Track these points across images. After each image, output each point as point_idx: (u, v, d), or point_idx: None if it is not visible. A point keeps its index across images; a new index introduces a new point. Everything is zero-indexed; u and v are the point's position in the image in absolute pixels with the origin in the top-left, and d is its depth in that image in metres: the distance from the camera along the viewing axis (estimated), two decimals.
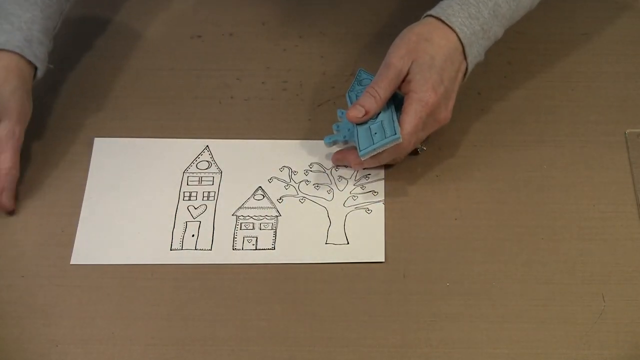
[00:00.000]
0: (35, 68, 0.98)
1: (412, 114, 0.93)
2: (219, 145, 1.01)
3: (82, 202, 0.97)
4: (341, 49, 1.08)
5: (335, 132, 0.99)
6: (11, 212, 0.96)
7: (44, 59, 0.99)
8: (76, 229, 0.95)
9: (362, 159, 0.94)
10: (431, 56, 0.93)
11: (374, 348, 0.87)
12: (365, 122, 0.95)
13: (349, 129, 0.98)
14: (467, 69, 0.96)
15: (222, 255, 0.93)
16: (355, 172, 0.98)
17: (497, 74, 1.05)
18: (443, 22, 0.94)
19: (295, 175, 0.98)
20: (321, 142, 1.00)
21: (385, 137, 0.93)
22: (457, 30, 0.94)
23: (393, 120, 0.94)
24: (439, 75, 0.93)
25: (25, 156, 0.98)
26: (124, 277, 0.92)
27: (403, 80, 0.94)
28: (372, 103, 0.94)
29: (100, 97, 1.07)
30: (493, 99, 1.03)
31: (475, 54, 0.96)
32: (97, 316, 0.91)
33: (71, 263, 0.93)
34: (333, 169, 0.99)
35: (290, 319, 0.90)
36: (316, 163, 0.99)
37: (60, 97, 1.07)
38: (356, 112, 0.94)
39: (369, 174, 0.98)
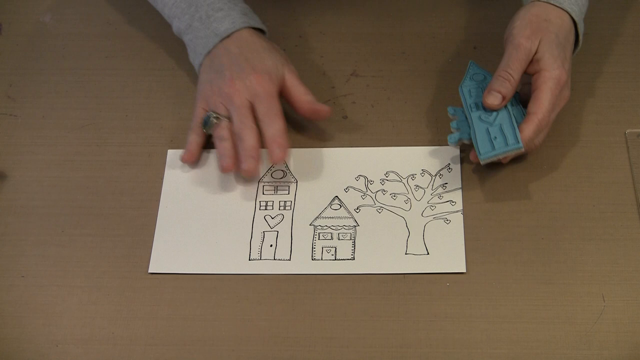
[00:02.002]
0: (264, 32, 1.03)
1: (548, 91, 0.92)
2: (293, 154, 1.00)
3: (157, 213, 0.97)
4: (341, 49, 1.08)
5: (454, 130, 0.96)
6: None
7: (261, 22, 1.03)
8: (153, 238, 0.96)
9: (482, 163, 0.94)
10: (555, 34, 0.94)
11: (374, 348, 0.87)
12: (483, 122, 0.94)
13: (464, 127, 0.96)
14: (578, 45, 0.98)
15: (301, 265, 0.93)
16: (432, 182, 0.97)
17: None
18: (553, 5, 0.96)
19: (371, 184, 0.98)
20: (395, 148, 0.99)
21: (507, 145, 0.92)
22: (569, 10, 0.96)
23: (514, 127, 0.93)
24: (564, 52, 0.94)
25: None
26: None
27: (531, 61, 0.94)
28: (507, 87, 0.93)
29: (102, 97, 1.07)
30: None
31: (582, 30, 0.98)
32: (97, 316, 0.91)
33: (149, 272, 0.93)
34: (409, 177, 0.98)
35: (289, 319, 0.90)
36: (392, 172, 0.98)
37: (64, 98, 1.07)
38: (493, 99, 0.94)
39: (446, 184, 0.97)
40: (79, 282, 0.93)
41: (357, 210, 0.96)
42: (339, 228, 0.95)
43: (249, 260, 0.93)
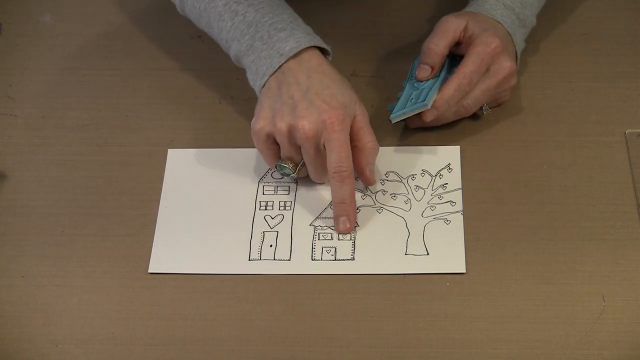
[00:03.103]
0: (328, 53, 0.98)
1: (474, 54, 0.94)
2: None
3: (157, 213, 0.97)
4: (341, 49, 1.08)
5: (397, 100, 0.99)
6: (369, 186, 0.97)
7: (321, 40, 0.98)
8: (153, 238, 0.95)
9: (392, 122, 0.96)
10: (480, 18, 0.97)
11: (374, 348, 0.87)
12: (414, 89, 0.97)
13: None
14: (516, 55, 0.99)
15: (301, 265, 0.93)
16: (432, 182, 0.97)
17: None
18: (482, 14, 0.98)
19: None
20: (395, 148, 0.99)
21: (416, 104, 0.95)
22: (501, 21, 0.97)
23: (432, 88, 0.95)
24: (489, 26, 0.96)
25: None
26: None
27: (461, 43, 0.96)
28: (432, 57, 0.96)
29: (102, 97, 1.07)
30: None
31: (519, 42, 0.99)
32: (97, 316, 0.91)
33: (149, 272, 0.93)
34: (409, 178, 0.98)
35: (289, 319, 0.90)
36: (392, 172, 0.98)
37: (63, 98, 1.07)
38: (422, 72, 0.97)
39: (446, 184, 0.97)
40: (79, 282, 0.93)
41: (357, 211, 0.96)
42: None
43: (249, 260, 0.93)
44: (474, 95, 0.97)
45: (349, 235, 0.94)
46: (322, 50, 0.97)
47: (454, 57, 0.99)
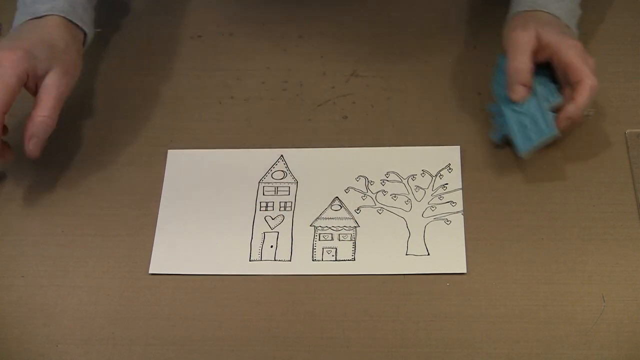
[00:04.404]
0: (84, 33, 0.99)
1: (576, 57, 0.93)
2: (293, 155, 1.00)
3: (157, 213, 0.97)
4: (341, 49, 1.08)
5: (496, 127, 0.98)
6: (35, 159, 0.95)
7: (90, 23, 1.00)
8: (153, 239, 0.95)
9: (524, 157, 0.95)
10: (543, 21, 0.96)
11: (374, 348, 0.87)
12: (516, 113, 0.95)
13: (503, 122, 0.97)
14: None
15: (302, 266, 0.93)
16: (432, 182, 0.97)
17: None
18: (537, 10, 0.97)
19: (371, 185, 0.97)
20: (395, 149, 0.99)
21: (543, 134, 0.94)
22: (558, 14, 0.97)
23: (543, 112, 0.94)
24: (556, 27, 0.96)
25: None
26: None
27: (538, 52, 0.95)
28: (523, 75, 0.94)
29: (102, 97, 1.07)
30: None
31: (576, 32, 0.99)
32: (97, 316, 0.91)
33: (149, 273, 0.93)
34: (410, 178, 0.98)
35: (289, 319, 0.90)
36: (392, 172, 0.98)
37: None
38: (516, 94, 0.95)
39: (447, 184, 0.97)
40: (79, 282, 0.93)
41: (358, 211, 0.96)
42: (340, 229, 0.95)
43: (250, 261, 0.93)
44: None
45: (349, 235, 0.94)
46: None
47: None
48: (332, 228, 0.95)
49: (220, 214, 0.97)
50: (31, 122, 0.94)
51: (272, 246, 0.94)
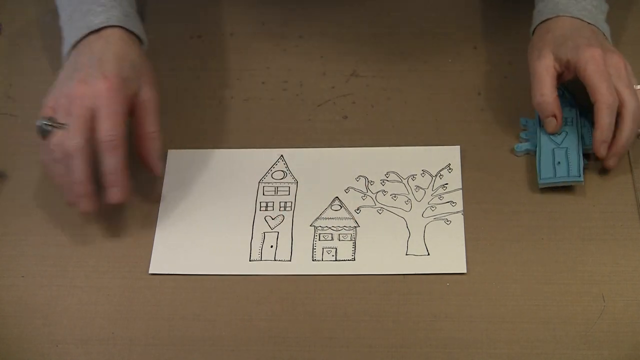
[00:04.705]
0: (140, 41, 0.98)
1: (593, 75, 0.91)
2: (293, 155, 1.00)
3: (157, 213, 0.97)
4: (341, 49, 1.08)
5: (523, 140, 0.98)
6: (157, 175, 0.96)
7: (142, 30, 0.99)
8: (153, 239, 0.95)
9: (540, 187, 0.94)
10: (560, 35, 0.94)
11: (374, 348, 0.87)
12: (551, 142, 0.95)
13: (534, 144, 0.97)
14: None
15: (302, 266, 0.93)
16: (432, 182, 0.97)
17: (497, 74, 1.05)
18: (550, 19, 0.96)
19: (372, 185, 0.97)
20: (395, 148, 0.99)
21: (569, 175, 0.93)
22: (579, 16, 0.96)
23: (579, 155, 0.94)
24: (575, 38, 0.94)
25: None
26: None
27: (562, 75, 0.95)
28: (550, 107, 0.94)
29: None
30: (493, 99, 1.03)
31: (605, 27, 0.98)
32: (97, 316, 0.91)
33: (149, 273, 0.93)
34: (410, 178, 0.98)
35: (289, 319, 0.90)
36: (392, 172, 0.98)
37: None
38: (549, 127, 0.95)
39: (447, 184, 0.97)
40: (79, 282, 0.93)
41: (358, 211, 0.96)
42: (340, 229, 0.95)
43: (250, 261, 0.93)
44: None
45: (349, 235, 0.94)
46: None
47: (566, 89, 0.98)
48: (332, 228, 0.95)
49: (220, 214, 0.97)
50: (146, 141, 0.94)
51: (272, 246, 0.94)
